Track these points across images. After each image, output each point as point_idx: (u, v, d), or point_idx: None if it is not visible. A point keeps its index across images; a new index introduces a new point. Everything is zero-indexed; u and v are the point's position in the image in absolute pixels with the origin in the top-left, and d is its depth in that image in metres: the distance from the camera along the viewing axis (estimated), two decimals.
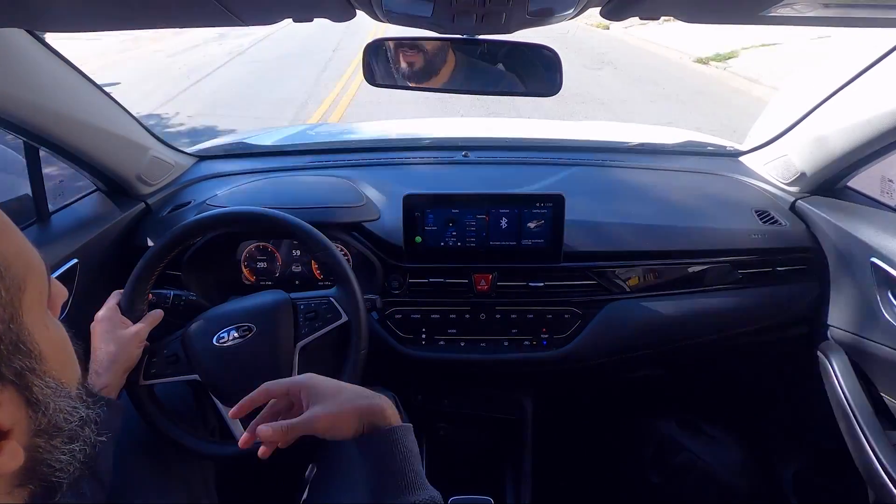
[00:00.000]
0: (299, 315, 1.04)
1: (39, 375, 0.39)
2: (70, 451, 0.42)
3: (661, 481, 1.50)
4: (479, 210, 1.20)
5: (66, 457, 0.42)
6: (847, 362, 1.23)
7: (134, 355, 0.96)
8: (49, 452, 0.41)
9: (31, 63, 0.99)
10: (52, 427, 0.40)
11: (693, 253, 1.27)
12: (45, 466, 0.41)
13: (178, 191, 1.43)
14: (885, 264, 1.11)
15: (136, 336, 0.96)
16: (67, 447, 0.42)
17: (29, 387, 0.39)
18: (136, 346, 0.96)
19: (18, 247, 0.40)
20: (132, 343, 0.96)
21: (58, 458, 0.41)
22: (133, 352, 0.96)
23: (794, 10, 0.65)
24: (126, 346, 0.95)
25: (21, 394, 0.38)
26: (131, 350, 0.95)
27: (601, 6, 0.70)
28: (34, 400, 0.39)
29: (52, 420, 0.40)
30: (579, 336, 1.25)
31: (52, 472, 0.41)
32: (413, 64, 1.04)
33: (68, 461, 0.42)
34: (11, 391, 0.37)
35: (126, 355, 0.94)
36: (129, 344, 0.95)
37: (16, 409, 0.38)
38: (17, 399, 0.38)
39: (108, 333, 0.95)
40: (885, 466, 1.08)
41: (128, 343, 0.95)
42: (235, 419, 1.00)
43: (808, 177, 1.32)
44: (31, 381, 0.39)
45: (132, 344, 0.96)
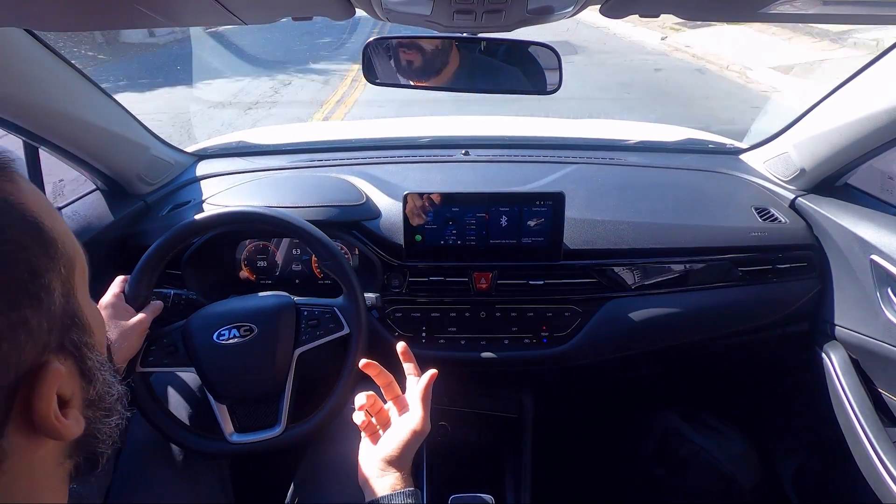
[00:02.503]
0: (301, 321, 1.04)
1: (90, 349, 0.42)
2: (109, 424, 0.45)
3: (664, 474, 1.50)
4: (479, 208, 1.20)
5: (107, 429, 0.44)
6: (847, 359, 1.23)
7: (135, 344, 0.97)
8: (96, 424, 0.43)
9: (30, 62, 0.99)
10: (99, 399, 0.43)
11: (693, 250, 1.27)
12: (92, 438, 0.43)
13: (178, 190, 1.43)
14: (884, 262, 1.11)
15: (139, 325, 0.97)
16: (108, 419, 0.44)
17: (83, 359, 0.41)
18: (137, 334, 0.97)
19: (66, 228, 0.42)
20: (134, 331, 0.96)
21: (102, 430, 0.44)
22: (134, 340, 0.96)
23: (794, 6, 0.65)
24: (128, 334, 0.95)
25: (77, 365, 0.41)
26: (133, 338, 0.96)
27: (600, 4, 0.70)
28: (87, 372, 0.42)
29: (99, 392, 0.43)
30: (579, 334, 1.25)
31: (97, 443, 0.44)
32: (413, 62, 1.04)
33: (109, 434, 0.45)
34: (71, 362, 0.40)
35: (128, 343, 0.95)
36: (131, 332, 0.95)
37: (74, 380, 0.40)
38: (75, 370, 0.40)
39: (110, 320, 0.95)
40: (884, 463, 1.09)
41: (130, 331, 0.95)
42: (225, 415, 1.01)
43: (807, 174, 1.32)
44: (86, 354, 0.42)
45: (134, 332, 0.96)
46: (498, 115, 2.75)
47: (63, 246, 0.40)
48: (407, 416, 0.79)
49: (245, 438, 1.00)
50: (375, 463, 0.76)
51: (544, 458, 1.44)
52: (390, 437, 0.78)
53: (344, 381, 1.02)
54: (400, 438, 0.77)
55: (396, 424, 0.79)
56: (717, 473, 1.45)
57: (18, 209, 0.38)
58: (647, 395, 1.67)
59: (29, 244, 0.37)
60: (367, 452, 0.79)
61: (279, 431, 1.00)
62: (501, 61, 1.03)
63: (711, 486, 1.45)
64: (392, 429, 0.79)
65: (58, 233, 0.40)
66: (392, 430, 0.79)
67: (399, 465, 0.75)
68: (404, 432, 0.77)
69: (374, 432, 0.81)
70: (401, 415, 0.81)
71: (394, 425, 0.80)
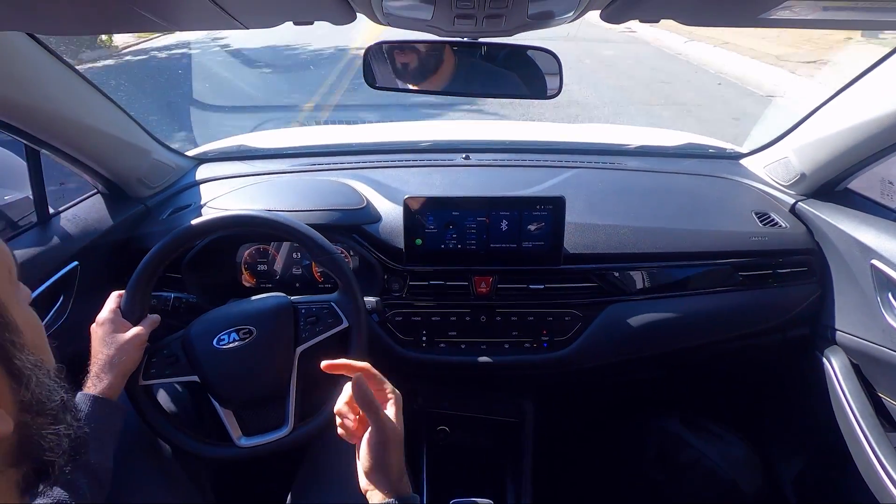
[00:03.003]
0: (300, 319, 1.04)
1: (19, 349, 0.41)
2: (56, 432, 0.43)
3: (665, 478, 1.50)
4: (479, 212, 1.20)
5: (53, 436, 0.43)
6: (848, 364, 1.23)
7: (134, 358, 0.96)
8: (36, 430, 0.42)
9: (32, 66, 0.99)
10: (37, 403, 0.42)
11: (693, 255, 1.27)
12: (34, 445, 0.42)
13: (178, 193, 1.43)
14: (885, 266, 1.11)
15: (136, 338, 0.96)
16: (53, 427, 0.43)
17: (9, 358, 0.40)
18: (136, 348, 0.96)
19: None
20: (132, 346, 0.96)
21: (45, 436, 0.43)
22: (133, 354, 0.96)
23: (793, 12, 0.65)
24: (126, 348, 0.95)
25: (3, 365, 0.40)
26: (131, 352, 0.95)
27: (601, 9, 0.70)
28: (16, 372, 0.41)
29: (35, 396, 0.42)
30: (580, 338, 1.24)
31: (41, 451, 0.42)
32: (413, 67, 1.04)
33: (56, 441, 0.43)
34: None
35: (127, 357, 0.94)
36: (129, 346, 0.95)
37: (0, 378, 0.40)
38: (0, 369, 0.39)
39: (108, 336, 0.95)
40: (885, 468, 1.08)
41: (128, 346, 0.95)
42: (231, 420, 1.00)
43: (808, 179, 1.32)
44: (12, 353, 0.41)
45: (132, 346, 0.96)
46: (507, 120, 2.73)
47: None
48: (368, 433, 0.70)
49: (254, 441, 1.00)
50: (362, 479, 0.70)
51: (545, 462, 1.44)
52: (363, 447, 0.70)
53: None
54: (365, 452, 0.69)
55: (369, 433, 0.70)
56: (717, 478, 1.45)
57: None
58: (648, 400, 1.67)
59: None
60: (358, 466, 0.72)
61: (287, 431, 1.00)
62: (501, 66, 1.03)
63: (712, 492, 1.45)
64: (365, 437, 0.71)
65: None
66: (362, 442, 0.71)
67: (378, 478, 0.68)
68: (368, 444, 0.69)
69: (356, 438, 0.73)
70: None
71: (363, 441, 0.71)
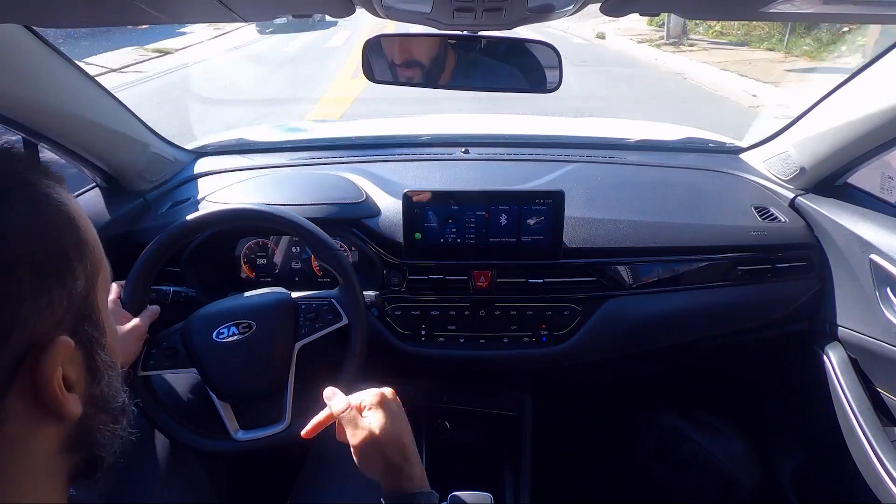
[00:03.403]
0: (300, 315, 1.04)
1: (101, 346, 0.45)
2: (112, 431, 0.46)
3: (663, 473, 1.50)
4: (478, 207, 1.20)
5: (109, 434, 0.46)
6: (846, 359, 1.23)
7: (133, 350, 0.96)
8: (96, 423, 0.45)
9: (29, 59, 0.99)
10: (102, 400, 0.45)
11: (692, 249, 1.27)
12: (92, 437, 0.45)
13: (178, 187, 1.43)
14: (884, 261, 1.11)
15: (135, 330, 0.96)
16: (110, 426, 0.46)
17: (93, 353, 0.44)
18: (135, 340, 0.96)
19: (97, 239, 0.46)
20: (131, 337, 0.96)
21: (103, 432, 0.45)
22: (132, 346, 0.96)
23: (794, 6, 0.65)
24: (125, 339, 0.95)
25: (85, 358, 0.43)
26: (130, 344, 0.96)
27: (601, 2, 0.70)
28: (94, 367, 0.44)
29: (103, 392, 0.45)
30: (579, 332, 1.25)
31: (96, 444, 0.45)
32: (413, 60, 1.04)
33: (110, 439, 0.46)
34: (80, 351, 0.42)
35: (125, 349, 0.94)
36: (128, 338, 0.95)
37: (80, 369, 0.43)
38: (81, 361, 0.43)
39: None
40: (882, 462, 1.09)
41: (127, 336, 0.95)
42: (229, 414, 1.00)
43: (807, 173, 1.32)
44: (95, 349, 0.44)
45: (131, 338, 0.96)
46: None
47: (92, 249, 0.44)
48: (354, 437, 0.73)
49: (250, 435, 1.00)
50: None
51: (543, 456, 1.44)
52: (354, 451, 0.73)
53: (347, 372, 1.02)
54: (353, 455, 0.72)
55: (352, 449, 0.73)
56: (716, 472, 1.45)
57: (61, 206, 0.42)
58: (647, 394, 1.67)
59: (65, 231, 0.42)
60: None
61: (284, 426, 1.00)
62: (501, 60, 1.03)
63: (711, 485, 1.46)
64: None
65: (90, 236, 0.44)
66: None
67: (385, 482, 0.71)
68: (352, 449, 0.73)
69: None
70: None
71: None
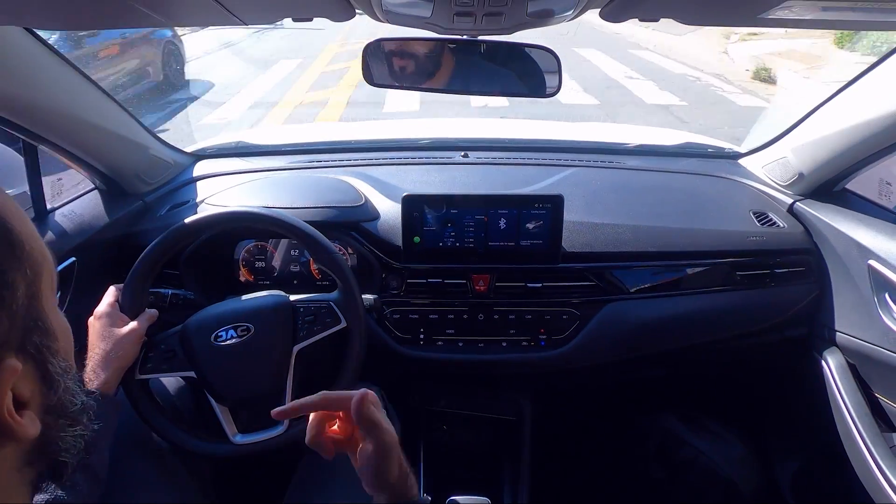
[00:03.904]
0: (298, 318, 1.03)
1: (53, 354, 0.42)
2: (73, 434, 0.44)
3: (663, 477, 1.50)
4: (477, 211, 1.20)
5: (70, 438, 0.44)
6: (844, 364, 1.23)
7: (131, 352, 0.96)
8: (56, 432, 0.43)
9: (29, 61, 0.99)
10: (60, 406, 0.43)
11: (691, 254, 1.27)
12: (52, 445, 0.43)
13: (177, 189, 1.43)
14: (882, 267, 1.11)
15: (133, 333, 0.96)
16: (71, 429, 0.44)
17: (45, 363, 0.41)
18: (133, 343, 0.96)
19: (36, 234, 0.42)
20: (129, 340, 0.95)
21: (64, 438, 0.44)
22: (130, 349, 0.95)
23: (792, 12, 0.65)
24: (123, 343, 0.94)
25: (38, 369, 0.41)
26: (128, 347, 0.95)
27: (600, 7, 0.70)
28: (49, 377, 0.42)
29: (60, 399, 0.43)
30: (577, 337, 1.25)
31: (58, 452, 0.43)
32: (412, 64, 1.04)
33: (72, 443, 0.44)
34: (31, 365, 0.40)
35: (123, 352, 0.94)
36: (126, 341, 0.95)
37: (33, 383, 0.41)
38: (34, 373, 0.41)
39: (105, 330, 0.94)
40: (881, 467, 1.09)
41: (125, 340, 0.95)
42: (227, 417, 1.00)
43: (806, 179, 1.32)
44: (48, 359, 0.42)
45: (129, 341, 0.95)
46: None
47: (31, 250, 0.41)
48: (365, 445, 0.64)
49: (248, 439, 1.00)
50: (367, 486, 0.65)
51: (542, 460, 1.44)
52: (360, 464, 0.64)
53: (345, 375, 1.02)
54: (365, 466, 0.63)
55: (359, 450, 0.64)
56: (716, 477, 1.45)
57: None
58: (646, 399, 1.67)
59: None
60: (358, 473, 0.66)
61: (282, 430, 1.00)
62: (500, 64, 1.03)
63: (710, 490, 1.45)
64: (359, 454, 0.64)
65: (25, 236, 0.41)
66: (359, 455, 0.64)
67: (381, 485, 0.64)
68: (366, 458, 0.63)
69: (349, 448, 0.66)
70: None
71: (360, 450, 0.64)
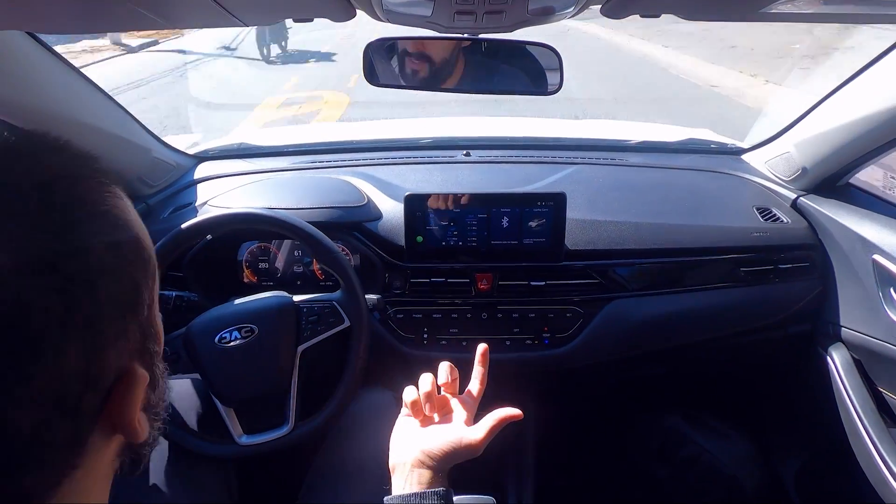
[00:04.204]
0: (302, 318, 1.04)
1: (158, 357, 0.44)
2: (157, 429, 0.46)
3: (667, 474, 1.50)
4: (480, 209, 1.20)
5: (154, 432, 0.45)
6: (850, 360, 1.23)
7: None
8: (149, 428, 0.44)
9: (31, 65, 0.99)
10: (152, 405, 0.45)
11: (695, 251, 1.26)
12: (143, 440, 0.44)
13: (180, 192, 1.43)
14: (887, 262, 1.11)
15: None
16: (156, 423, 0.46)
17: (153, 366, 0.44)
18: None
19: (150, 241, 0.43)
20: None
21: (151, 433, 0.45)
22: None
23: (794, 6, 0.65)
24: None
25: (150, 372, 0.42)
26: None
27: (601, 4, 0.70)
28: (154, 380, 0.43)
29: (158, 398, 0.45)
30: (581, 335, 1.24)
31: (144, 445, 0.45)
32: (413, 63, 1.04)
33: (154, 436, 0.46)
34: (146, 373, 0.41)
35: None
36: None
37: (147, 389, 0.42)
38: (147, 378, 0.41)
39: None
40: (887, 463, 1.08)
41: None
42: (232, 418, 1.00)
43: (809, 174, 1.32)
44: (155, 362, 0.44)
45: None
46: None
47: (153, 260, 0.42)
48: (468, 429, 0.70)
49: (254, 440, 1.01)
50: (414, 451, 0.69)
51: (546, 458, 1.44)
52: (442, 433, 0.69)
53: (349, 374, 1.02)
54: (451, 442, 0.68)
55: (455, 426, 0.70)
56: (719, 474, 1.45)
57: (126, 226, 0.39)
58: (650, 396, 1.67)
59: (133, 260, 0.39)
60: (409, 435, 0.71)
61: (287, 430, 1.00)
62: (502, 62, 1.03)
63: (714, 487, 1.45)
64: (448, 427, 0.70)
65: (149, 248, 0.42)
66: (447, 428, 0.70)
67: (438, 465, 0.68)
68: (459, 441, 0.68)
69: (426, 416, 0.72)
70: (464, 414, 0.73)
71: (452, 424, 0.71)
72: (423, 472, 0.68)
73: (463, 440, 0.68)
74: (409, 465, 0.68)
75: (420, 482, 0.67)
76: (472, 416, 0.73)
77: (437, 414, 0.73)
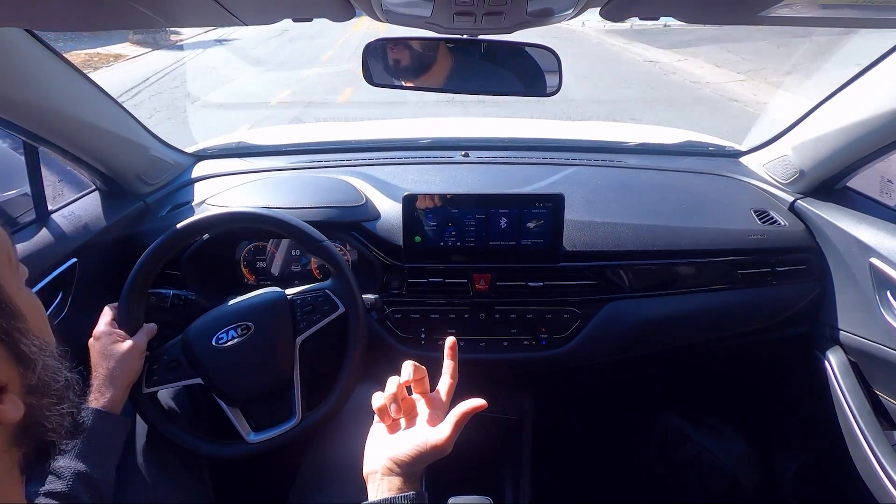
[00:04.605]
0: (297, 310, 1.04)
1: (24, 334, 0.42)
2: (59, 412, 0.44)
3: (666, 474, 1.50)
4: (478, 210, 1.20)
5: (56, 417, 0.44)
6: (846, 362, 1.23)
7: (135, 368, 0.96)
8: (40, 411, 0.43)
9: (30, 62, 0.99)
10: (42, 385, 0.43)
11: (692, 253, 1.27)
12: (38, 425, 0.43)
13: (178, 190, 1.43)
14: (883, 265, 1.11)
15: (135, 349, 0.96)
16: (56, 408, 0.44)
17: (17, 344, 0.41)
18: (135, 358, 0.96)
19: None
20: (131, 356, 0.95)
21: (49, 417, 0.44)
22: (133, 365, 0.95)
23: (793, 10, 0.65)
24: (125, 360, 0.94)
25: (10, 351, 0.41)
26: (131, 363, 0.95)
27: (600, 6, 0.70)
28: (23, 357, 0.42)
29: (41, 378, 0.43)
30: (579, 336, 1.25)
31: (44, 431, 0.44)
32: (412, 64, 1.04)
33: (58, 421, 0.44)
34: (2, 348, 0.40)
35: (127, 368, 0.94)
36: (128, 357, 0.94)
37: (8, 366, 0.41)
38: (7, 356, 0.41)
39: (106, 349, 0.94)
40: (882, 465, 1.09)
41: (127, 356, 0.94)
42: (239, 417, 1.00)
43: (807, 177, 1.32)
44: (19, 339, 0.42)
45: (132, 357, 0.95)
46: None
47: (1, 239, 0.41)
48: (432, 430, 0.70)
49: (264, 436, 1.00)
50: (382, 459, 0.69)
51: (544, 459, 1.44)
52: (407, 438, 0.70)
53: (349, 359, 1.02)
54: (416, 446, 0.68)
55: (419, 429, 0.71)
56: (718, 474, 1.45)
57: None
58: (648, 397, 1.67)
59: None
60: (378, 443, 0.72)
61: (296, 422, 1.00)
62: (501, 63, 1.03)
63: (713, 487, 1.46)
64: (413, 430, 0.71)
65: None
66: (412, 431, 0.71)
67: (406, 471, 0.68)
68: (424, 443, 0.68)
69: (393, 421, 0.73)
70: (428, 414, 0.72)
71: (417, 427, 0.71)
72: (393, 479, 0.68)
73: (428, 442, 0.68)
74: (380, 473, 0.68)
75: (390, 489, 0.67)
76: (443, 412, 0.72)
77: (404, 419, 0.73)
